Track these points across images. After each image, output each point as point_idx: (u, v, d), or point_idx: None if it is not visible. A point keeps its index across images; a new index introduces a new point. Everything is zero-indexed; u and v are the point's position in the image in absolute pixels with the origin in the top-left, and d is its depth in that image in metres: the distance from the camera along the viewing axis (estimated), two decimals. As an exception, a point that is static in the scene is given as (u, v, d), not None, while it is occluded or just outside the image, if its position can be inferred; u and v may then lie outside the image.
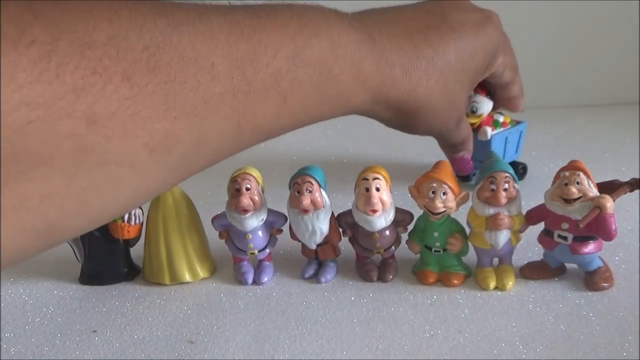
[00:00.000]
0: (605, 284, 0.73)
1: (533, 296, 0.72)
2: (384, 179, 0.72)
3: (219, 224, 0.77)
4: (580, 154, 1.13)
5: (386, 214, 0.72)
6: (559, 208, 0.71)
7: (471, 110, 0.99)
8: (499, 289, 0.74)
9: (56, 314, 0.73)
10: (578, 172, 0.70)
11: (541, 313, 0.68)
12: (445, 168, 0.75)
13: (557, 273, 0.76)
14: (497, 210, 0.72)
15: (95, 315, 0.72)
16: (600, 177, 0.75)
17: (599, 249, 0.73)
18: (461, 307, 0.70)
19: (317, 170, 0.74)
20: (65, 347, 0.66)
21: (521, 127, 1.06)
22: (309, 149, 1.26)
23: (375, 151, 1.23)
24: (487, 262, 0.76)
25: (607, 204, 0.68)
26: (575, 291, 0.73)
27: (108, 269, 0.79)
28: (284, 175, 0.82)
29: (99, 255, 0.79)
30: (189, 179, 0.54)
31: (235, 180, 0.73)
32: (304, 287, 0.76)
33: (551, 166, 1.08)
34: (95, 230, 0.77)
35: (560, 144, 1.25)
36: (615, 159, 1.15)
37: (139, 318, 0.71)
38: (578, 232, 0.71)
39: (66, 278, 0.81)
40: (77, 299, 0.76)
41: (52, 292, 0.78)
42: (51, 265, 0.83)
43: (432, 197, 0.71)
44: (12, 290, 0.78)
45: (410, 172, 0.96)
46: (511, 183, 0.71)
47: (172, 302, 0.74)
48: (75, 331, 0.69)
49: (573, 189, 0.69)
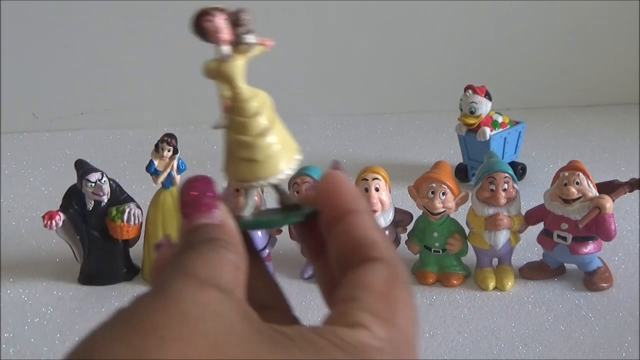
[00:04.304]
0: (605, 284, 0.73)
1: (532, 296, 0.72)
2: (383, 179, 0.72)
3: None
4: (579, 154, 1.13)
5: (385, 214, 0.72)
6: (558, 208, 0.71)
7: (470, 111, 0.99)
8: (498, 289, 0.74)
9: (55, 314, 0.73)
10: (577, 173, 0.70)
11: (540, 313, 0.68)
12: (444, 168, 0.75)
13: (557, 273, 0.76)
14: (497, 210, 0.72)
15: (95, 315, 0.72)
16: (599, 177, 0.75)
17: (598, 249, 0.73)
18: (460, 307, 0.70)
19: (316, 170, 0.74)
20: (64, 347, 0.66)
21: (520, 128, 1.06)
22: (309, 149, 1.26)
23: (375, 151, 1.23)
24: (486, 262, 0.76)
25: (607, 204, 0.68)
26: (574, 291, 0.73)
27: (107, 269, 0.79)
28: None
29: (98, 255, 0.78)
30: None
31: (235, 181, 0.73)
32: (304, 287, 0.76)
33: (550, 166, 1.08)
34: (94, 231, 0.78)
35: (559, 144, 1.25)
36: (615, 159, 1.15)
37: (139, 318, 0.71)
38: (577, 233, 0.71)
39: (65, 278, 0.80)
40: (77, 299, 0.76)
41: (52, 292, 0.78)
42: (50, 266, 0.83)
43: (432, 197, 0.71)
44: (12, 291, 0.78)
45: (410, 172, 0.96)
46: (510, 183, 0.71)
47: (172, 303, 0.74)
48: (75, 331, 0.69)
49: (572, 189, 0.69)
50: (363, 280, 0.22)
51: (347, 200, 0.25)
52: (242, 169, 0.27)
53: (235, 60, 0.28)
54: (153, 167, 0.76)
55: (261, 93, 0.28)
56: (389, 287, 0.22)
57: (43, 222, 0.74)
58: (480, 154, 0.95)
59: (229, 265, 0.22)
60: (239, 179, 0.27)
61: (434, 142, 1.26)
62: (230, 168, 0.28)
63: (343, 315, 0.21)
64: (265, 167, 0.27)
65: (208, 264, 0.21)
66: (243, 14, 0.27)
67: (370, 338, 0.20)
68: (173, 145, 0.76)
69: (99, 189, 0.75)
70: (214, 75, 0.28)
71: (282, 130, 0.28)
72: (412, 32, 1.41)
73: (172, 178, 0.77)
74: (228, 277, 0.21)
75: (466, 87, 1.00)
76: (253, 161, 0.27)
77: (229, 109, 0.28)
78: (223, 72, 0.28)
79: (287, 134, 0.28)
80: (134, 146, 1.31)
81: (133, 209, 0.77)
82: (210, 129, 0.29)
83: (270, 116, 0.28)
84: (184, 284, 0.20)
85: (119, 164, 1.19)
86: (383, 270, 0.22)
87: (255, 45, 0.28)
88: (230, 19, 0.27)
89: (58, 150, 1.31)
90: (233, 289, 0.21)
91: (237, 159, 0.27)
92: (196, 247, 0.22)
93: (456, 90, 1.03)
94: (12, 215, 1.00)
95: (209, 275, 0.20)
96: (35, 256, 0.86)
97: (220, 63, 0.27)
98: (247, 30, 0.28)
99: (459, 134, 1.04)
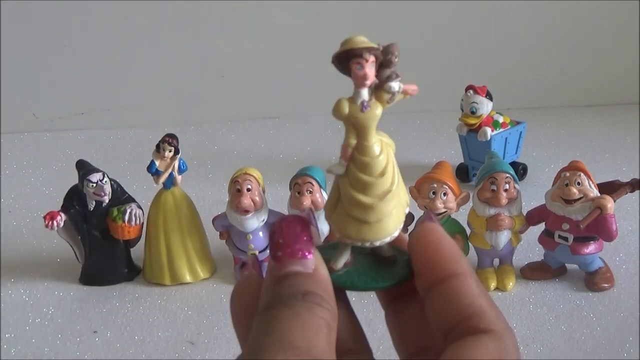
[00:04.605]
0: (606, 284, 0.73)
1: (534, 297, 0.72)
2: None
3: (220, 225, 0.77)
4: (580, 154, 1.13)
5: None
6: (559, 208, 0.71)
7: (471, 111, 0.99)
8: (499, 289, 0.74)
9: (56, 315, 0.73)
10: (579, 173, 0.70)
11: (542, 313, 0.68)
12: (445, 168, 0.75)
13: (558, 273, 0.76)
14: (498, 210, 0.72)
15: (96, 315, 0.72)
16: (600, 177, 0.75)
17: (599, 249, 0.72)
18: (462, 308, 0.70)
19: (317, 170, 0.74)
20: (65, 347, 0.66)
21: (521, 128, 1.06)
22: (309, 149, 1.26)
23: (376, 151, 1.23)
24: (487, 262, 0.76)
25: (608, 205, 0.68)
26: (575, 292, 0.73)
27: (108, 270, 0.79)
28: (284, 176, 0.82)
29: (100, 255, 0.78)
30: (189, 180, 0.54)
31: (236, 181, 0.73)
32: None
33: (552, 166, 1.08)
34: (95, 231, 0.78)
35: (560, 144, 1.25)
36: (616, 159, 1.15)
37: (140, 319, 0.71)
38: (579, 233, 0.71)
39: (67, 278, 0.80)
40: (78, 300, 0.76)
41: (53, 292, 0.78)
42: (51, 266, 0.83)
43: (433, 198, 0.71)
44: (12, 291, 0.78)
45: (411, 172, 0.96)
46: (512, 183, 0.71)
47: (173, 303, 0.74)
48: (76, 332, 0.69)
49: (574, 190, 0.69)
50: (472, 356, 0.21)
51: (447, 261, 0.23)
52: (350, 226, 0.25)
53: (375, 109, 0.25)
54: (154, 168, 0.76)
55: (388, 147, 0.25)
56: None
57: (44, 223, 0.74)
58: (481, 154, 0.95)
59: (324, 329, 0.21)
60: (344, 235, 0.25)
61: (434, 142, 1.26)
62: (337, 220, 0.25)
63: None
64: (375, 230, 0.25)
65: (305, 330, 0.20)
66: (393, 56, 0.24)
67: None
68: (174, 145, 0.76)
69: (100, 189, 0.75)
70: (345, 120, 0.25)
71: (399, 185, 0.25)
72: (412, 32, 1.41)
73: (173, 178, 0.77)
74: (324, 344, 0.20)
75: (467, 87, 1.00)
76: (364, 222, 0.25)
77: (350, 158, 0.25)
78: (357, 121, 0.25)
79: (402, 186, 0.25)
80: (134, 146, 1.31)
81: (134, 209, 0.77)
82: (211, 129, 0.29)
83: (392, 172, 0.25)
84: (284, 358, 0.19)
85: (120, 164, 1.19)
86: (492, 346, 0.21)
87: (398, 94, 0.25)
88: (378, 59, 0.24)
89: (59, 150, 1.31)
90: (328, 357, 0.20)
91: (347, 215, 0.25)
92: (291, 304, 0.21)
93: (457, 90, 1.03)
94: (13, 216, 1.00)
95: (307, 346, 0.20)
96: (36, 256, 0.86)
97: (357, 110, 0.24)
98: (394, 75, 0.24)
99: (459, 134, 1.04)
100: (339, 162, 0.25)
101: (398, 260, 0.25)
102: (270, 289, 0.22)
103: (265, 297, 0.22)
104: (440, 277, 0.23)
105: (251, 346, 0.20)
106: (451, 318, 0.22)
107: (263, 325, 0.21)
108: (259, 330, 0.21)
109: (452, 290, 0.22)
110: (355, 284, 0.25)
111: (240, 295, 0.24)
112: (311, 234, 0.23)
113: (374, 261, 0.26)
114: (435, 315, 0.23)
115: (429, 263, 0.23)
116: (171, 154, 0.76)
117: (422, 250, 0.23)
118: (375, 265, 0.26)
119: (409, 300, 0.25)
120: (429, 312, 0.23)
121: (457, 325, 0.22)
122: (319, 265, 0.23)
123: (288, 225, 0.23)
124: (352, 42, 0.24)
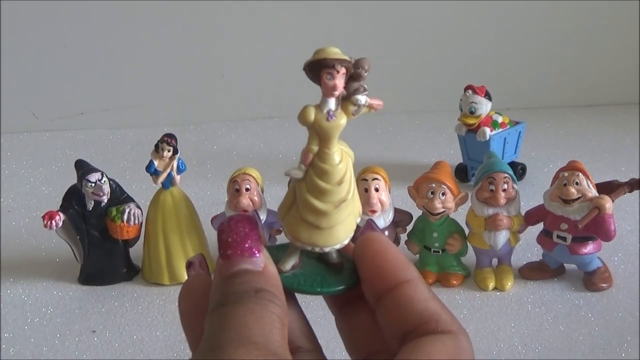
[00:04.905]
0: (605, 284, 0.73)
1: (532, 297, 0.72)
2: (382, 180, 0.72)
3: (219, 224, 0.77)
4: (579, 154, 1.13)
5: (385, 214, 0.72)
6: (558, 208, 0.71)
7: (470, 111, 0.99)
8: (498, 289, 0.74)
9: (55, 314, 0.73)
10: (577, 173, 0.70)
11: (540, 313, 0.68)
12: (444, 168, 0.75)
13: (556, 273, 0.76)
14: (496, 210, 0.72)
15: (95, 315, 0.72)
16: (599, 177, 0.75)
17: (598, 249, 0.73)
18: (460, 308, 0.70)
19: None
20: (64, 347, 0.66)
21: (520, 128, 1.06)
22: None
23: (375, 151, 1.23)
24: (486, 262, 0.76)
25: (606, 205, 0.68)
26: (574, 292, 0.73)
27: (107, 269, 0.79)
28: (283, 176, 0.82)
29: (99, 255, 0.78)
30: (189, 180, 0.54)
31: (235, 181, 0.73)
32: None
33: (550, 166, 1.08)
34: (94, 231, 0.78)
35: (559, 144, 1.25)
36: (615, 159, 1.15)
37: (138, 318, 0.71)
38: (577, 233, 0.71)
39: (65, 278, 0.80)
40: (77, 299, 0.76)
41: (52, 292, 0.78)
42: (50, 266, 0.83)
43: (431, 198, 0.72)
44: (11, 290, 0.78)
45: (410, 172, 0.96)
46: (510, 183, 0.71)
47: (172, 303, 0.74)
48: (75, 331, 0.69)
49: (572, 190, 0.69)
50: (429, 354, 0.21)
51: (396, 269, 0.23)
52: (302, 230, 0.25)
53: (340, 119, 0.25)
54: (153, 167, 0.76)
55: (347, 157, 0.26)
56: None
57: (43, 222, 0.74)
58: (480, 154, 0.95)
59: (277, 324, 0.21)
60: (295, 238, 0.25)
61: (433, 142, 1.26)
62: (289, 222, 0.26)
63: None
64: (327, 236, 0.25)
65: (260, 325, 0.20)
66: (363, 70, 0.25)
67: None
68: (173, 145, 0.76)
69: (99, 189, 0.75)
70: (309, 127, 0.25)
71: (354, 195, 0.26)
72: (412, 32, 1.41)
73: (172, 178, 0.77)
74: (279, 339, 0.21)
75: (466, 87, 1.00)
76: (316, 228, 0.25)
77: (310, 163, 0.25)
78: (321, 129, 0.25)
79: (357, 196, 0.26)
80: (134, 146, 1.31)
81: (133, 209, 0.77)
82: (210, 129, 0.29)
83: (349, 182, 0.25)
84: (245, 354, 0.19)
85: (119, 164, 1.19)
86: (449, 344, 0.21)
87: (363, 107, 0.25)
88: (348, 72, 0.25)
89: (58, 150, 1.31)
90: (283, 351, 0.20)
91: (300, 218, 0.25)
92: (244, 301, 0.21)
93: (456, 90, 1.03)
94: (12, 215, 1.00)
95: (265, 340, 0.20)
96: (35, 256, 0.86)
97: (323, 118, 0.25)
98: (362, 88, 0.25)
99: (458, 134, 1.04)
100: (298, 166, 0.26)
101: (345, 267, 0.26)
102: (221, 287, 0.22)
103: (216, 295, 0.22)
104: (390, 284, 0.23)
105: (208, 343, 0.20)
106: (407, 324, 0.22)
107: (218, 322, 0.21)
108: (215, 327, 0.21)
109: (404, 297, 0.23)
110: (302, 287, 0.25)
111: (189, 294, 0.24)
112: (259, 233, 0.23)
113: (321, 266, 0.26)
114: (390, 321, 0.23)
115: (377, 271, 0.23)
116: (170, 153, 0.76)
117: (369, 259, 0.24)
118: (323, 270, 0.26)
119: (358, 305, 0.25)
120: (381, 319, 0.23)
121: (413, 330, 0.22)
122: (268, 264, 0.23)
123: (236, 224, 0.23)
124: (325, 52, 0.25)
